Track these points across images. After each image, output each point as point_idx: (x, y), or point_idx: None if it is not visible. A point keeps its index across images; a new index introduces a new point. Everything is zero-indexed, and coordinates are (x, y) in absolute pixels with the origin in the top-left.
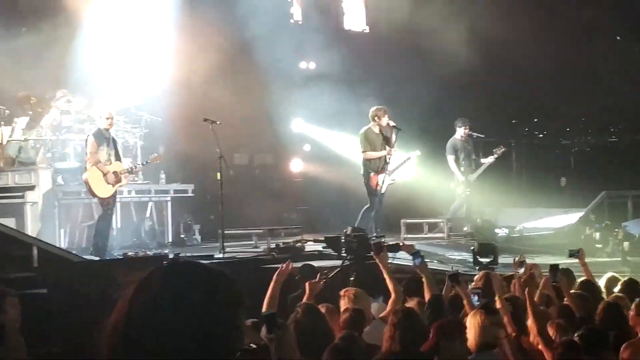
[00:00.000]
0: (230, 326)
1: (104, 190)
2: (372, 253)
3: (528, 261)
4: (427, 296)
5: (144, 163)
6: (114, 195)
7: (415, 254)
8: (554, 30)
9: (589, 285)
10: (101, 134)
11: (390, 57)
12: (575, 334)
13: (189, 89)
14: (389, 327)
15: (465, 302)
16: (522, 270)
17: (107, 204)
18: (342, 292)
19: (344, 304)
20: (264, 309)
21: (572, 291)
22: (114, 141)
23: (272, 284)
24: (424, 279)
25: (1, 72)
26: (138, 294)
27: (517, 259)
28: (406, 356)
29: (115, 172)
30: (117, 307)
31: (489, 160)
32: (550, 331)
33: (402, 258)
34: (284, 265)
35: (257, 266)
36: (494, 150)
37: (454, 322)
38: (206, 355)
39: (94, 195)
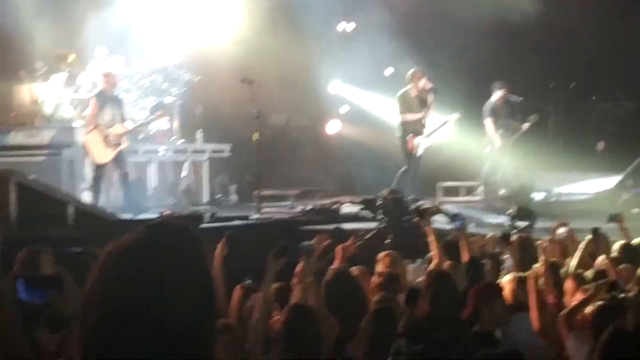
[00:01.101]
0: (211, 288)
1: (102, 155)
2: (415, 217)
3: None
4: (465, 258)
5: (148, 121)
6: (114, 159)
7: (456, 216)
8: None
9: (630, 249)
10: (103, 94)
11: (429, 18)
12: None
13: (227, 49)
14: (423, 289)
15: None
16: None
17: (102, 167)
18: (379, 256)
19: (379, 267)
20: None
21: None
22: (120, 101)
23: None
24: (462, 242)
25: (39, 30)
26: (109, 260)
27: (554, 225)
28: (441, 318)
29: (116, 135)
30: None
31: (521, 128)
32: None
33: (437, 221)
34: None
35: (293, 227)
36: (527, 120)
37: (491, 284)
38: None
39: (92, 159)
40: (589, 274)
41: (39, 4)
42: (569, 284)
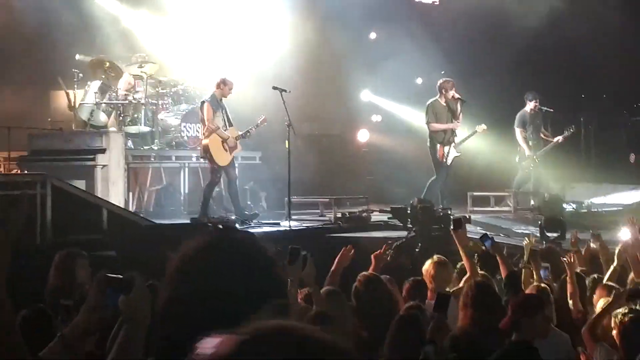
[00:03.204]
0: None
1: (223, 158)
2: (451, 227)
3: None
4: (503, 273)
5: (255, 127)
6: (231, 162)
7: (484, 236)
8: (629, 4)
9: None
10: (215, 99)
11: (459, 30)
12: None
13: (260, 57)
14: (463, 301)
15: (535, 276)
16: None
17: (218, 171)
18: (431, 260)
19: (427, 273)
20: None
21: None
22: (225, 107)
23: (333, 269)
24: (498, 258)
25: (77, 36)
26: (182, 262)
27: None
28: (482, 332)
29: (232, 138)
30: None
31: (557, 139)
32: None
33: (471, 231)
34: (345, 250)
35: (323, 235)
36: (565, 130)
37: (532, 297)
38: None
39: (213, 162)
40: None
41: (77, 11)
42: (600, 294)
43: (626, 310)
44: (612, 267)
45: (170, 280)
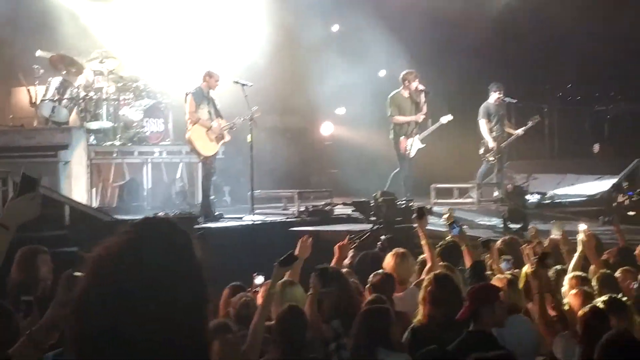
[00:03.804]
0: (202, 278)
1: (208, 148)
2: (413, 217)
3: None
4: (467, 263)
5: (249, 118)
6: (215, 154)
7: (453, 223)
8: None
9: (626, 253)
10: (201, 92)
11: (422, 20)
12: (601, 299)
13: (220, 51)
14: (422, 296)
15: (494, 267)
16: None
17: (210, 162)
18: (391, 253)
19: (387, 266)
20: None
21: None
22: (213, 99)
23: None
24: (463, 247)
25: (36, 33)
26: (99, 260)
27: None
28: (441, 326)
29: (217, 128)
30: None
31: (520, 131)
32: (577, 299)
33: (433, 223)
34: (303, 241)
35: (286, 228)
36: (528, 121)
37: (491, 286)
38: (192, 296)
39: (198, 154)
40: (591, 275)
41: (36, 7)
42: (572, 284)
43: (590, 305)
44: (576, 256)
45: (88, 272)
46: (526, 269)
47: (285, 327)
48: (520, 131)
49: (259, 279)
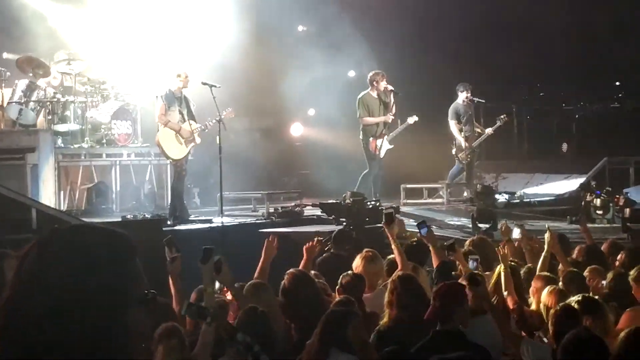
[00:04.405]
0: (121, 279)
1: (177, 151)
2: (382, 222)
3: (527, 227)
4: (435, 263)
5: (218, 120)
6: (187, 156)
7: (422, 223)
8: None
9: (593, 251)
10: (172, 94)
11: (389, 21)
12: (574, 299)
13: (190, 53)
14: (388, 299)
15: (460, 267)
16: (516, 236)
17: (180, 165)
18: (360, 255)
19: (356, 267)
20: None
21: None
22: (187, 100)
23: (261, 260)
24: (431, 247)
25: (2, 35)
26: (19, 269)
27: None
28: (407, 328)
29: (188, 131)
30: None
31: (489, 130)
32: (551, 297)
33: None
34: (269, 241)
35: (255, 230)
36: (496, 120)
37: (456, 285)
38: (103, 315)
39: (166, 157)
40: (559, 274)
41: (3, 8)
42: (537, 285)
43: (559, 305)
44: (542, 256)
45: (13, 280)
46: (500, 268)
47: (246, 329)
48: (489, 130)
49: None
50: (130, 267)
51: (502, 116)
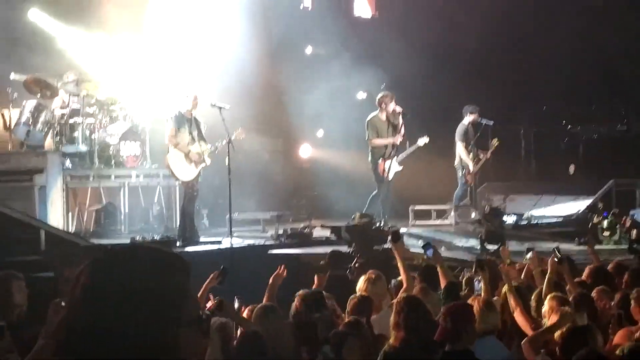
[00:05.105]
0: (174, 299)
1: (186, 172)
2: (388, 241)
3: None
4: (442, 283)
5: (228, 141)
6: (197, 177)
7: (426, 245)
8: (566, 15)
9: (600, 272)
10: (181, 116)
11: (398, 43)
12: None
13: (198, 74)
14: (394, 320)
15: (483, 287)
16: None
17: (191, 186)
18: (364, 276)
19: (361, 288)
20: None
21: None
22: (197, 122)
23: (268, 286)
24: (438, 268)
25: (10, 55)
26: (73, 290)
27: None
28: (413, 346)
29: (198, 153)
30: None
31: (488, 155)
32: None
33: (410, 245)
34: (280, 270)
35: (265, 252)
36: (489, 145)
37: (465, 305)
38: (156, 333)
39: (175, 178)
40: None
41: (11, 28)
42: (552, 305)
43: (569, 325)
44: (547, 277)
45: (74, 300)
46: (505, 288)
47: (244, 353)
48: (488, 154)
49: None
50: (184, 288)
51: (494, 140)
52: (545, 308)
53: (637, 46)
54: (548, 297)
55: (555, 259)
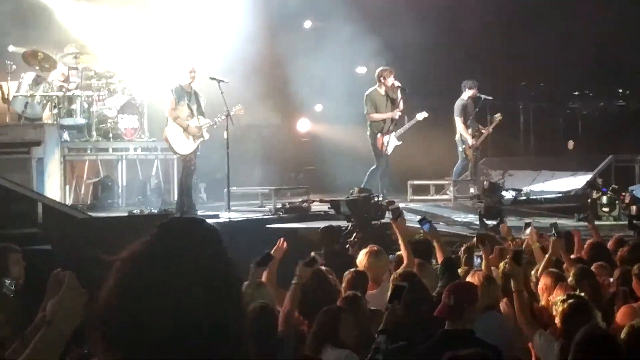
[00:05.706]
0: (229, 278)
1: (184, 146)
2: (390, 219)
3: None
4: (439, 259)
5: (226, 115)
6: (195, 151)
7: (423, 220)
8: None
9: (599, 248)
10: (181, 89)
11: (399, 16)
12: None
13: (197, 47)
14: (391, 290)
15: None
16: (527, 233)
17: (189, 160)
18: (365, 250)
19: (360, 264)
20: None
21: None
22: (197, 95)
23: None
24: (435, 243)
25: (9, 28)
26: (126, 264)
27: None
28: (410, 322)
29: (197, 127)
30: (107, 283)
31: (489, 129)
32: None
33: (408, 220)
34: (280, 243)
35: (263, 226)
36: (492, 119)
37: (470, 284)
38: (210, 312)
39: (174, 152)
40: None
41: (8, 1)
42: (546, 281)
43: (564, 297)
44: (546, 257)
45: (118, 272)
46: (502, 266)
47: (255, 326)
48: (490, 129)
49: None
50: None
51: (496, 115)
52: (540, 285)
53: (636, 21)
54: (543, 274)
55: (554, 237)
